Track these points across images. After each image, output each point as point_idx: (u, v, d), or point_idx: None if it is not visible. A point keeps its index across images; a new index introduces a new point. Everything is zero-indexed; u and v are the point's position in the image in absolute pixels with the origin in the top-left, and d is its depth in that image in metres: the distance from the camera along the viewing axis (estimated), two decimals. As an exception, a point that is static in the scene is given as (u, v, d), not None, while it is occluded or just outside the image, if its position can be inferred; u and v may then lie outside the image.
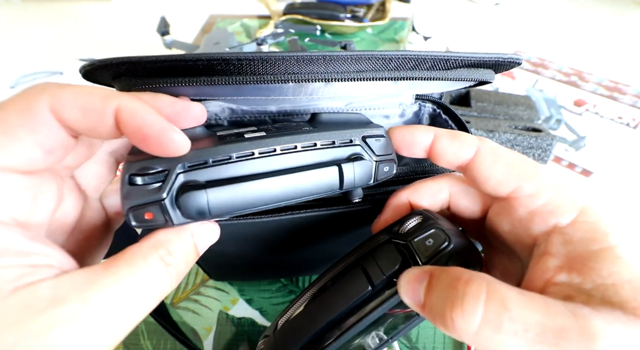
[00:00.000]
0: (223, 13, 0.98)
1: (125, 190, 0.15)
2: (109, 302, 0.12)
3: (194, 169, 0.15)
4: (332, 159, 0.19)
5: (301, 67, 0.19)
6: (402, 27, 0.91)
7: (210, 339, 0.34)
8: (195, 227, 0.16)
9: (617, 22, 1.29)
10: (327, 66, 0.19)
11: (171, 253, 0.15)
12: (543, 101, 0.70)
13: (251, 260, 0.30)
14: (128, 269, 0.13)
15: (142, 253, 0.14)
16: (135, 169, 0.15)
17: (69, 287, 0.12)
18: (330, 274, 0.21)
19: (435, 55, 0.20)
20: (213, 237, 0.18)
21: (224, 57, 0.17)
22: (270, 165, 0.17)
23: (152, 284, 0.14)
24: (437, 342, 0.33)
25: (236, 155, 0.16)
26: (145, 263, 0.14)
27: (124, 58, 0.17)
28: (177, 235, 0.16)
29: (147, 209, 0.15)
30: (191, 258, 0.16)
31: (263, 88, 0.21)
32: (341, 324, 0.18)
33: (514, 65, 0.23)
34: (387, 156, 0.20)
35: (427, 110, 0.31)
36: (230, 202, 0.16)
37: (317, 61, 0.19)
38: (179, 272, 0.15)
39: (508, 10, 1.39)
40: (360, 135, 0.20)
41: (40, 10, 1.72)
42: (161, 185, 0.15)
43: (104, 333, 0.12)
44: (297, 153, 0.18)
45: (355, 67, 0.20)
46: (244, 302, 0.36)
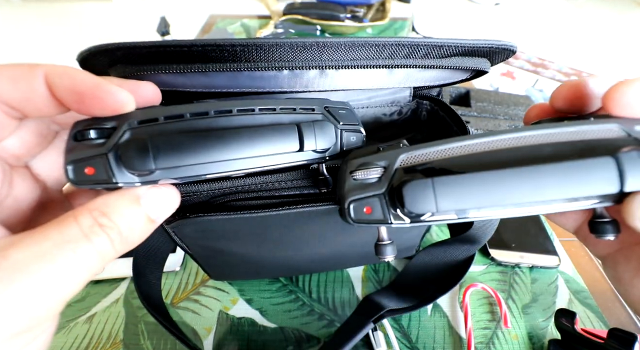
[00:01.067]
0: (223, 13, 0.98)
1: (68, 145, 0.14)
2: (33, 258, 0.11)
3: (143, 126, 0.15)
4: (292, 121, 0.18)
5: (295, 53, 0.19)
6: (402, 27, 0.91)
7: (210, 339, 0.34)
8: (142, 191, 0.15)
9: (617, 22, 1.29)
10: (320, 53, 0.19)
11: (106, 214, 0.14)
12: (543, 101, 0.70)
13: (250, 258, 0.30)
14: (57, 228, 0.12)
15: (74, 214, 0.13)
16: (82, 126, 0.14)
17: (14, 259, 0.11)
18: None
19: (429, 41, 0.20)
20: (170, 203, 0.16)
21: (218, 43, 0.17)
22: (225, 124, 0.16)
23: (86, 241, 0.13)
24: (437, 342, 0.33)
25: (189, 113, 0.15)
26: (76, 222, 0.13)
27: (119, 43, 0.17)
28: (117, 198, 0.14)
29: (88, 163, 0.14)
30: (138, 224, 0.15)
31: (257, 78, 0.21)
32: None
33: (508, 53, 0.23)
34: (352, 126, 0.20)
35: (425, 107, 0.31)
36: (177, 155, 0.15)
37: (310, 48, 0.19)
38: (120, 234, 0.14)
39: (508, 10, 1.39)
40: (322, 105, 0.19)
41: (40, 10, 1.72)
42: (106, 141, 0.14)
43: (29, 291, 0.11)
44: (255, 115, 0.17)
45: (349, 55, 0.20)
46: (244, 302, 0.36)
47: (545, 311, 0.36)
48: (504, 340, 0.34)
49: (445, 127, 0.29)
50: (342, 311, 0.36)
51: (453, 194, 0.13)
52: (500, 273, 0.39)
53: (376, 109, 0.30)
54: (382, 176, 0.15)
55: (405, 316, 0.35)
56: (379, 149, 0.17)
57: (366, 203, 0.15)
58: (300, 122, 0.17)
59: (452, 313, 0.36)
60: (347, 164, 0.16)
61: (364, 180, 0.15)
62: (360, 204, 0.15)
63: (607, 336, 0.28)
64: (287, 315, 0.35)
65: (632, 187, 0.13)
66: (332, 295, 0.37)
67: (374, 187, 0.15)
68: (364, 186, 0.15)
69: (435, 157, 0.15)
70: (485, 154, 0.14)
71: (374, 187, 0.15)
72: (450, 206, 0.14)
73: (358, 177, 0.15)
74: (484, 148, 0.14)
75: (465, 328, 0.34)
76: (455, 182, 0.13)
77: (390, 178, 0.15)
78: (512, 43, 0.22)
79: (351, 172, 0.15)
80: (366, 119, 0.31)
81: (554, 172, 0.13)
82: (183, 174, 0.15)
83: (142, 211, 0.15)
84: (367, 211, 0.15)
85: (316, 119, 0.18)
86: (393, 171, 0.15)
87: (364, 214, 0.15)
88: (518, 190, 0.13)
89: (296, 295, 0.37)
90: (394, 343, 0.33)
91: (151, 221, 0.15)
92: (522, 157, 0.14)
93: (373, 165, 0.15)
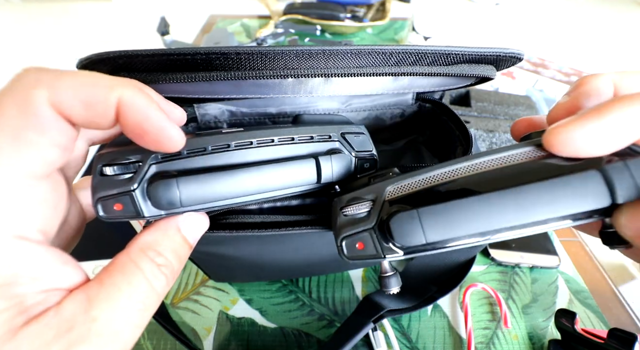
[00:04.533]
0: (223, 13, 0.98)
1: (95, 180, 0.14)
2: (116, 314, 0.12)
3: (167, 160, 0.15)
4: (310, 152, 0.18)
5: (300, 61, 0.18)
6: (402, 27, 0.91)
7: (210, 339, 0.34)
8: (181, 220, 0.16)
9: (617, 22, 1.29)
10: (326, 61, 0.19)
11: (161, 253, 0.15)
12: (543, 101, 0.70)
13: (250, 263, 0.30)
14: (123, 278, 0.13)
15: (131, 259, 0.14)
16: (108, 159, 0.15)
17: (73, 310, 0.12)
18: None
19: (436, 49, 0.19)
20: (202, 227, 0.17)
21: (223, 51, 0.17)
22: (246, 157, 0.16)
23: (150, 288, 0.14)
24: (437, 342, 0.33)
25: (211, 146, 0.16)
26: (139, 269, 0.14)
27: (121, 51, 0.17)
28: (164, 233, 0.15)
29: (117, 200, 0.14)
30: (183, 253, 0.16)
31: (262, 85, 0.21)
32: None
33: (515, 60, 0.22)
34: (366, 152, 0.20)
35: (427, 110, 0.31)
36: (202, 192, 0.15)
37: (316, 56, 0.18)
38: (173, 270, 0.15)
39: (508, 10, 1.39)
40: (339, 132, 0.19)
41: (40, 10, 1.72)
42: (132, 175, 0.14)
43: (118, 342, 0.12)
44: (274, 146, 0.17)
45: (355, 63, 0.19)
46: (244, 302, 0.36)
47: (545, 311, 0.36)
48: (504, 340, 0.34)
49: (446, 130, 0.29)
50: (342, 311, 0.36)
51: (440, 223, 0.13)
52: (500, 273, 0.39)
53: (379, 111, 0.30)
54: (371, 210, 0.15)
55: (405, 316, 0.35)
56: (370, 180, 0.17)
57: (358, 239, 0.15)
58: (318, 155, 0.18)
59: (452, 313, 0.36)
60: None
61: (354, 216, 0.15)
62: (353, 240, 0.15)
63: (607, 336, 0.28)
64: (287, 315, 0.35)
65: (623, 199, 0.12)
66: (332, 295, 0.37)
67: (363, 222, 0.15)
68: (354, 221, 0.15)
69: (420, 186, 0.15)
70: (470, 178, 0.14)
71: (363, 222, 0.15)
72: (439, 236, 0.13)
73: (348, 213, 0.15)
74: (469, 172, 0.14)
75: (466, 328, 0.34)
76: (441, 210, 0.13)
77: (379, 211, 0.15)
78: (519, 51, 0.21)
79: (341, 208, 0.15)
80: (369, 121, 0.31)
81: (539, 191, 0.12)
82: (207, 207, 0.16)
83: (185, 241, 0.16)
84: (359, 247, 0.15)
85: (333, 148, 0.19)
86: (381, 204, 0.15)
87: (357, 250, 0.15)
88: (504, 214, 0.12)
89: (296, 295, 0.37)
90: (394, 343, 0.33)
91: (190, 247, 0.16)
92: (506, 177, 0.13)
93: (361, 199, 0.15)
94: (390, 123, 0.31)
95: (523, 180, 0.13)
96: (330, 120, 0.23)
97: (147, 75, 0.18)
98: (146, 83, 0.18)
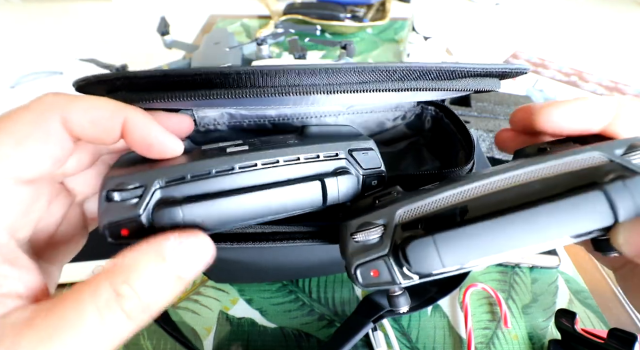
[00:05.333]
0: (223, 13, 0.98)
1: (102, 206, 0.15)
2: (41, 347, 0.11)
3: (172, 185, 0.15)
4: (316, 173, 0.18)
5: (302, 79, 0.18)
6: (402, 27, 0.91)
7: (210, 339, 0.34)
8: (171, 245, 0.13)
9: (617, 22, 1.29)
10: (329, 78, 0.18)
11: (128, 281, 0.12)
12: (543, 101, 0.69)
13: (251, 265, 0.30)
14: (73, 308, 0.11)
15: (91, 288, 0.12)
16: (113, 185, 0.15)
17: (10, 326, 0.11)
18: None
19: (440, 66, 0.19)
20: (203, 258, 0.14)
21: (223, 72, 0.17)
22: (251, 179, 0.16)
23: (97, 329, 0.11)
24: (437, 342, 0.33)
25: (215, 170, 0.16)
26: (94, 300, 0.11)
27: (119, 73, 0.17)
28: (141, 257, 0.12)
29: (124, 226, 0.15)
30: (165, 286, 0.12)
31: (263, 100, 0.20)
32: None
33: (520, 74, 0.22)
34: (374, 170, 0.20)
35: (429, 113, 0.31)
36: (206, 218, 0.15)
37: (319, 73, 0.18)
38: (142, 305, 0.12)
39: (508, 10, 1.39)
40: (346, 149, 0.19)
41: (40, 10, 1.72)
42: (138, 201, 0.15)
43: None
44: (279, 167, 0.17)
45: (358, 79, 0.19)
46: (244, 302, 0.36)
47: (545, 311, 0.36)
48: (504, 340, 0.34)
49: (448, 132, 0.29)
50: (342, 311, 0.36)
51: (456, 248, 0.13)
52: (500, 273, 0.39)
53: (380, 113, 0.30)
54: (383, 235, 0.15)
55: (405, 316, 0.35)
56: (375, 202, 0.17)
57: (372, 266, 0.15)
58: (323, 176, 0.17)
59: (452, 313, 0.36)
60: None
61: (365, 242, 0.15)
62: (367, 268, 0.15)
63: (607, 336, 0.28)
64: (287, 316, 0.35)
65: (624, 217, 0.13)
66: (332, 295, 0.37)
67: (376, 248, 0.15)
68: (366, 248, 0.15)
69: (431, 209, 0.15)
70: (481, 200, 0.14)
71: (376, 249, 0.15)
72: (456, 261, 0.13)
73: (359, 239, 0.15)
74: (478, 193, 0.14)
75: (466, 328, 0.34)
76: (456, 236, 0.13)
77: (391, 236, 0.15)
78: (525, 66, 0.21)
79: (351, 234, 0.15)
80: (370, 123, 0.31)
81: (550, 213, 0.13)
82: (209, 232, 0.15)
83: (169, 270, 0.13)
84: (374, 274, 0.15)
85: (340, 167, 0.18)
86: (393, 229, 0.15)
87: (372, 278, 0.15)
88: (518, 236, 0.13)
89: (296, 295, 0.37)
90: (394, 343, 0.33)
91: (180, 280, 0.13)
92: (516, 198, 0.14)
93: (372, 225, 0.15)
94: (392, 125, 0.31)
95: (533, 201, 0.13)
96: (337, 132, 0.22)
97: (146, 95, 0.18)
98: (146, 100, 0.18)
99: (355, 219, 0.15)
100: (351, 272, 0.15)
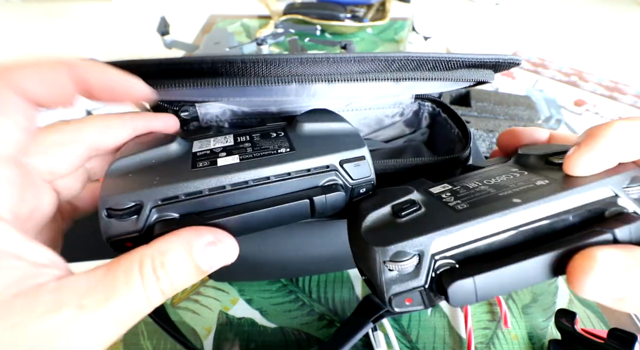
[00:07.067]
0: (223, 13, 0.98)
1: (103, 223, 0.16)
2: (103, 311, 0.12)
3: (167, 204, 0.16)
4: (306, 187, 0.18)
5: (304, 68, 0.19)
6: (402, 27, 0.91)
7: (210, 339, 0.34)
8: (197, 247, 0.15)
9: (617, 22, 1.29)
10: (330, 67, 0.19)
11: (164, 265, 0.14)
12: (543, 101, 0.70)
13: (251, 258, 0.30)
14: (125, 278, 0.13)
15: (139, 261, 0.14)
16: (111, 203, 0.16)
17: (70, 292, 0.12)
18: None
19: (436, 56, 0.20)
20: (226, 258, 0.16)
21: (228, 60, 0.17)
22: (242, 198, 0.17)
23: (143, 298, 0.13)
24: (437, 342, 0.33)
25: (208, 189, 0.17)
26: (141, 275, 0.13)
27: (125, 61, 0.17)
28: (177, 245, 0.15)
29: (127, 240, 0.16)
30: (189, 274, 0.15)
31: (266, 89, 0.21)
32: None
33: (513, 65, 0.23)
34: (364, 179, 0.20)
35: (426, 109, 0.31)
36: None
37: (320, 62, 0.19)
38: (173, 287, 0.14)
39: (508, 10, 1.39)
40: (337, 160, 0.19)
41: (40, 9, 1.72)
42: (137, 218, 0.16)
43: (95, 337, 0.12)
44: (270, 184, 0.18)
45: (358, 68, 0.20)
46: (244, 302, 0.36)
47: (545, 311, 0.36)
48: (504, 340, 0.34)
49: (445, 128, 0.29)
50: (342, 311, 0.36)
51: (491, 288, 0.14)
52: (500, 273, 0.39)
53: (379, 110, 0.30)
54: (419, 265, 0.15)
55: (405, 316, 0.35)
56: (395, 214, 0.17)
57: (407, 295, 0.15)
58: (312, 195, 0.18)
59: (452, 313, 0.36)
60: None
61: (400, 271, 0.15)
62: (402, 297, 0.15)
63: (607, 336, 0.28)
64: (287, 315, 0.35)
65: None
66: (332, 295, 0.37)
67: (412, 279, 0.15)
68: (402, 278, 0.15)
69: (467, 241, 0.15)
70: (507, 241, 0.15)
71: (413, 280, 0.15)
72: (488, 296, 0.14)
73: (394, 269, 0.15)
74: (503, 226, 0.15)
75: (465, 328, 0.34)
76: (493, 277, 0.14)
77: (428, 268, 0.15)
78: (517, 57, 0.22)
79: (385, 262, 0.15)
80: (369, 120, 0.31)
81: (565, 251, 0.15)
82: None
83: (193, 262, 0.15)
84: (407, 301, 0.15)
85: (329, 180, 0.19)
86: (429, 260, 0.15)
87: (405, 305, 0.15)
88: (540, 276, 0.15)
89: (296, 295, 0.37)
90: (394, 343, 0.33)
91: (202, 272, 0.15)
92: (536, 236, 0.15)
93: (407, 254, 0.15)
94: (390, 122, 0.32)
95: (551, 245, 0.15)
96: (331, 132, 0.21)
97: (152, 82, 0.19)
98: (154, 88, 0.19)
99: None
100: (384, 298, 0.15)
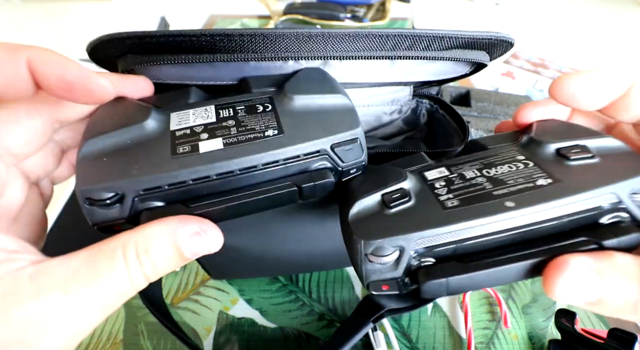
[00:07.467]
0: (223, 13, 0.98)
1: (86, 210, 0.16)
2: (88, 295, 0.12)
3: (150, 194, 0.16)
4: (295, 172, 0.18)
5: (300, 44, 0.19)
6: (402, 27, 0.91)
7: (210, 339, 0.34)
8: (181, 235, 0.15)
9: (617, 22, 1.29)
10: (325, 43, 0.20)
11: (148, 252, 0.14)
12: (543, 101, 0.69)
13: (251, 252, 0.30)
14: (108, 263, 0.13)
15: (122, 246, 0.14)
16: (90, 195, 0.15)
17: (52, 277, 0.12)
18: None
19: (429, 33, 0.20)
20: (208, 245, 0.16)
21: (227, 33, 0.18)
22: (227, 186, 0.17)
23: (127, 282, 0.13)
24: (437, 342, 0.33)
25: (192, 180, 0.16)
26: (125, 260, 0.13)
27: (129, 32, 0.18)
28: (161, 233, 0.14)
29: (114, 224, 0.16)
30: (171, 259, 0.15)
31: (263, 68, 0.21)
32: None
33: (507, 45, 0.24)
34: (356, 161, 0.19)
35: (424, 106, 0.31)
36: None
37: (315, 38, 0.19)
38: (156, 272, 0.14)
39: (508, 10, 1.39)
40: (329, 144, 0.18)
41: (40, 9, 1.72)
42: (121, 207, 0.16)
43: (80, 320, 0.13)
44: (258, 172, 0.17)
45: (353, 46, 0.20)
46: (244, 302, 0.36)
47: (545, 311, 0.36)
48: (504, 340, 0.34)
49: (444, 125, 0.29)
50: (342, 311, 0.36)
51: (462, 286, 0.15)
52: (500, 273, 0.39)
53: (377, 107, 0.30)
54: (399, 260, 0.16)
55: (405, 316, 0.35)
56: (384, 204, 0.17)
57: (384, 282, 0.16)
58: (300, 183, 0.17)
59: (452, 313, 0.36)
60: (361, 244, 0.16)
61: (381, 264, 0.16)
62: (379, 283, 0.16)
63: (607, 336, 0.28)
64: (287, 315, 0.35)
65: None
66: (332, 295, 0.37)
67: (390, 270, 0.16)
68: (381, 269, 0.16)
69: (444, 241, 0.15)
70: (490, 243, 0.15)
71: (391, 271, 0.16)
72: (458, 292, 0.15)
73: (375, 262, 0.16)
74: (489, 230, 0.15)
75: (465, 328, 0.34)
76: (468, 279, 0.15)
77: (406, 262, 0.16)
78: (509, 35, 0.23)
79: (366, 254, 0.16)
80: (368, 117, 0.31)
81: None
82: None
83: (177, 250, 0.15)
84: (384, 287, 0.16)
85: (320, 165, 0.18)
86: (408, 257, 0.16)
87: (383, 290, 0.17)
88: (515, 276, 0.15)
89: (296, 295, 0.37)
90: (394, 343, 0.33)
91: (185, 259, 0.15)
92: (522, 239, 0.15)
93: (389, 250, 0.16)
94: (389, 119, 0.32)
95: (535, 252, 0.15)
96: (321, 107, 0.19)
97: (152, 57, 0.19)
98: (151, 63, 0.19)
99: (370, 240, 0.16)
100: (364, 282, 0.17)
